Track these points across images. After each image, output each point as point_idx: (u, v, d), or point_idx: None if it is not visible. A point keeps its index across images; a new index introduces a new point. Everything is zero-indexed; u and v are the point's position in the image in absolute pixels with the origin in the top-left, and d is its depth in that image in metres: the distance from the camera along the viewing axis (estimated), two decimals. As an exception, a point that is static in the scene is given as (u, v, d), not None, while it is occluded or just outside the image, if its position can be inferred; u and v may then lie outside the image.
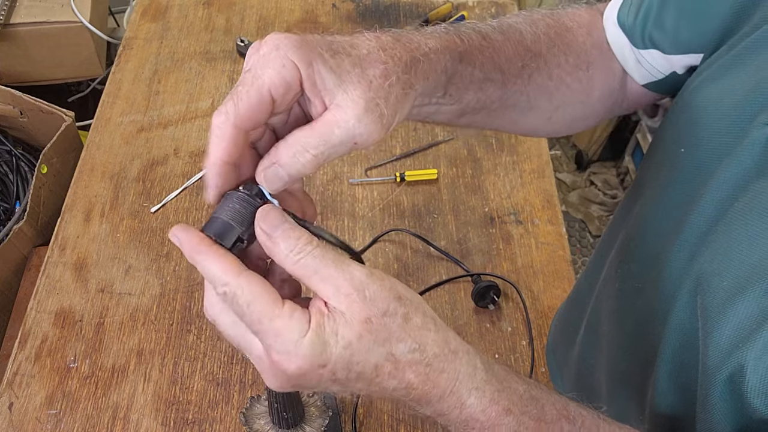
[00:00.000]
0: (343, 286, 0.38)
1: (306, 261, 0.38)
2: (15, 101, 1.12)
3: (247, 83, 0.39)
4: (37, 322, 0.86)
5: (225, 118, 0.39)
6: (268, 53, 0.39)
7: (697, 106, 0.49)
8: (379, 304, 0.38)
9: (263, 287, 0.38)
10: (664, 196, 0.52)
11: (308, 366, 0.37)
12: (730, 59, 0.47)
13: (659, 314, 0.49)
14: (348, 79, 0.39)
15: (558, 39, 0.57)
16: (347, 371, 0.38)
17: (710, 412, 0.41)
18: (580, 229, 2.19)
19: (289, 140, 0.40)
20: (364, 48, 0.41)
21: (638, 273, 0.55)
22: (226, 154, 0.40)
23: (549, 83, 0.56)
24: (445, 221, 0.97)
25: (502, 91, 0.54)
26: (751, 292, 0.39)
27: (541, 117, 0.59)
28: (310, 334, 0.37)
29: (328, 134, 0.39)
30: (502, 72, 0.53)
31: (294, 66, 0.38)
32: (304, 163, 0.39)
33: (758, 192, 0.41)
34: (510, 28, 0.54)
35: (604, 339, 0.63)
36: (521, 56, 0.54)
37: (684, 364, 0.46)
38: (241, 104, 0.39)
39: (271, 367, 0.38)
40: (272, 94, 0.39)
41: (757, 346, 0.37)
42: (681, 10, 0.53)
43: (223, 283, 0.38)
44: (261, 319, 0.37)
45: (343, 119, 0.39)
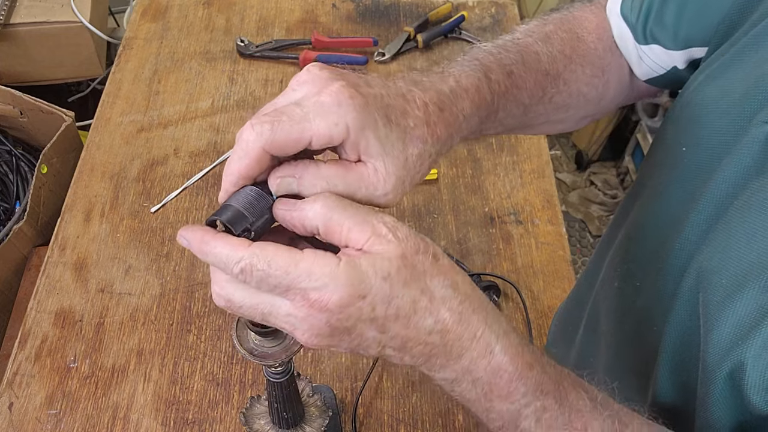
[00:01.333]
0: (377, 227, 0.38)
1: (335, 210, 0.39)
2: (15, 101, 1.12)
3: (295, 118, 0.39)
4: (37, 322, 0.86)
5: (257, 138, 0.39)
6: (328, 105, 0.40)
7: (698, 104, 0.49)
8: (411, 243, 0.39)
9: (276, 246, 0.38)
10: (664, 195, 0.53)
11: (348, 295, 0.37)
12: (730, 57, 0.48)
13: (659, 313, 0.49)
14: (390, 152, 0.41)
15: (573, 53, 0.58)
16: (386, 305, 0.38)
17: (710, 409, 0.41)
18: (580, 229, 2.19)
19: (322, 170, 0.41)
20: (411, 119, 0.44)
21: (638, 272, 0.55)
22: (247, 170, 0.40)
23: (568, 100, 0.58)
24: (445, 221, 0.97)
25: (522, 119, 0.56)
26: (750, 288, 0.39)
27: (554, 125, 0.61)
28: (343, 264, 0.37)
29: (355, 189, 0.41)
30: (524, 106, 0.55)
31: (346, 129, 0.40)
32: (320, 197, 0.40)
33: (757, 189, 0.41)
34: (528, 52, 0.55)
35: (603, 338, 0.63)
36: (541, 84, 0.55)
37: (684, 362, 0.46)
38: (279, 134, 0.39)
39: (309, 314, 0.37)
40: (313, 141, 0.40)
41: (757, 343, 0.37)
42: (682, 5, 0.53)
43: (236, 259, 0.38)
44: (287, 270, 0.37)
45: (372, 184, 0.41)
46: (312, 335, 0.38)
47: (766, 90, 0.43)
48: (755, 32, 0.45)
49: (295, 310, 0.38)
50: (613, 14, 0.59)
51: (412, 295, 0.38)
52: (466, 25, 1.23)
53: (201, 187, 1.00)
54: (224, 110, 1.10)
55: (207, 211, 0.97)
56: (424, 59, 1.19)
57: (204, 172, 1.01)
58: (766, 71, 0.43)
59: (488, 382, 0.40)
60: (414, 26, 1.20)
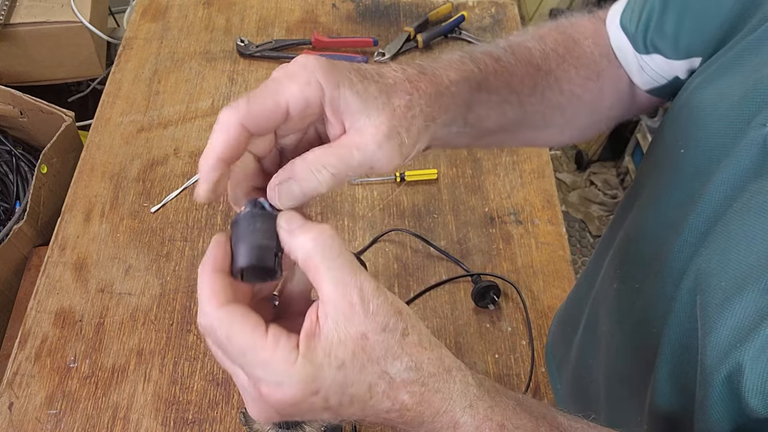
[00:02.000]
0: (350, 292, 0.37)
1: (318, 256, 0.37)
2: (15, 101, 1.12)
3: (268, 89, 0.39)
4: (37, 322, 0.86)
5: (233, 112, 0.38)
6: (295, 69, 0.39)
7: (696, 106, 0.49)
8: (379, 319, 0.37)
9: (243, 319, 0.37)
10: (662, 197, 0.52)
11: (301, 394, 0.36)
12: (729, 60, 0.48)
13: (658, 314, 0.49)
14: (373, 104, 0.39)
15: (567, 53, 0.57)
16: (341, 395, 0.37)
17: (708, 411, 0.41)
18: (580, 229, 2.19)
19: (308, 157, 0.39)
20: (390, 77, 0.42)
21: (637, 273, 0.55)
22: (224, 148, 0.38)
23: (561, 98, 0.57)
24: (445, 221, 0.97)
25: (519, 111, 0.54)
26: (748, 291, 0.39)
27: (554, 132, 0.60)
28: (300, 360, 0.36)
29: (348, 156, 0.39)
30: (516, 93, 0.53)
31: (319, 86, 0.38)
32: (321, 181, 0.39)
33: (756, 192, 0.41)
34: (519, 47, 0.55)
35: (602, 339, 0.63)
36: (532, 75, 0.54)
37: (684, 364, 0.46)
38: (255, 105, 0.38)
39: (259, 399, 0.37)
40: (289, 107, 0.38)
41: (755, 346, 0.37)
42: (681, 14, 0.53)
43: (204, 312, 0.37)
44: (244, 352, 0.36)
45: (363, 143, 0.39)
46: (262, 416, 0.38)
47: (764, 93, 0.42)
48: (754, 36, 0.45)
49: (247, 388, 0.38)
50: (612, 25, 0.59)
51: (368, 380, 0.37)
52: (466, 25, 1.23)
53: (201, 187, 1.00)
54: (224, 110, 1.10)
55: (207, 211, 0.97)
56: (424, 59, 1.19)
57: (204, 172, 1.01)
58: (764, 74, 0.43)
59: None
60: (414, 26, 1.20)
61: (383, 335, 0.37)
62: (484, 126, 0.52)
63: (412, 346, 0.38)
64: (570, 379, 0.74)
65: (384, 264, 0.92)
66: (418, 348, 0.38)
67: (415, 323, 0.39)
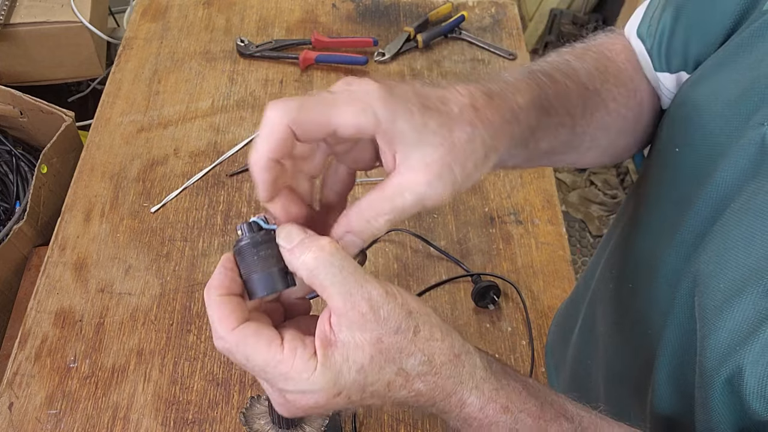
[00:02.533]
0: (359, 304, 0.37)
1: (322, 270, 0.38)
2: (15, 101, 1.12)
3: (322, 103, 0.38)
4: (37, 322, 0.86)
5: (283, 114, 0.37)
6: (356, 93, 0.38)
7: (692, 105, 0.48)
8: (391, 323, 0.38)
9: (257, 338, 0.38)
10: (659, 196, 0.52)
11: (324, 399, 0.38)
12: (723, 56, 0.47)
13: (656, 316, 0.49)
14: (429, 140, 0.39)
15: (607, 72, 0.56)
16: (362, 392, 0.39)
17: (710, 413, 0.41)
18: (580, 229, 2.19)
19: (362, 206, 0.40)
20: (455, 104, 0.41)
21: (633, 274, 0.55)
22: (274, 148, 0.38)
23: (608, 118, 0.55)
24: (445, 221, 0.97)
25: (571, 134, 0.53)
26: (747, 293, 0.39)
27: (597, 152, 0.58)
28: (320, 368, 0.37)
29: (400, 201, 0.39)
30: (571, 116, 0.52)
31: (374, 117, 0.38)
32: (378, 228, 0.40)
33: (754, 193, 0.41)
34: (567, 66, 0.53)
35: (600, 340, 0.63)
36: (583, 96, 0.53)
37: (683, 365, 0.46)
38: (305, 115, 0.38)
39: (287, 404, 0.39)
40: (338, 130, 0.38)
41: (755, 349, 0.37)
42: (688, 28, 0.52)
43: (219, 337, 0.39)
44: (265, 369, 0.38)
45: (414, 183, 0.39)
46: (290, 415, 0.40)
47: (761, 91, 0.42)
48: (748, 33, 0.45)
49: (273, 395, 0.40)
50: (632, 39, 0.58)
51: (386, 378, 0.39)
52: (466, 25, 1.23)
53: (201, 187, 1.00)
54: (224, 110, 1.10)
55: (207, 211, 0.97)
56: (424, 59, 1.19)
57: (204, 172, 1.01)
58: (761, 73, 0.43)
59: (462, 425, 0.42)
60: (414, 26, 1.20)
61: (396, 337, 0.38)
62: (539, 149, 0.51)
63: (424, 341, 0.39)
64: (568, 379, 0.74)
65: (384, 264, 0.92)
66: (429, 342, 0.40)
67: (426, 318, 0.40)
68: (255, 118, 1.09)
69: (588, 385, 0.66)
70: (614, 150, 0.60)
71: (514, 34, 1.24)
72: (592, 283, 0.66)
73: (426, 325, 0.40)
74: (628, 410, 0.56)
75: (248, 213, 0.97)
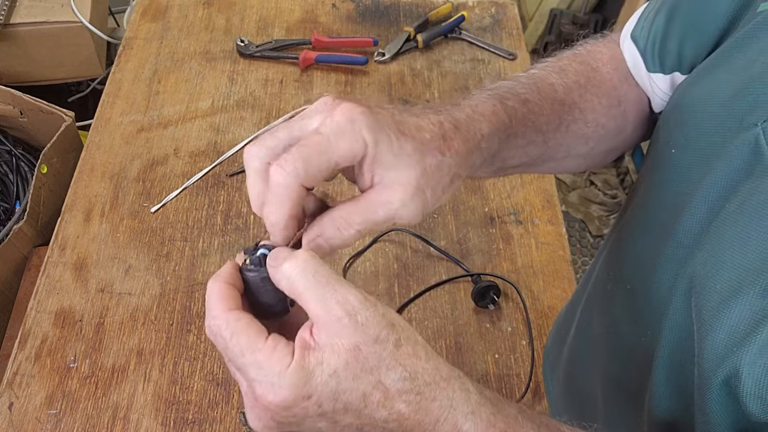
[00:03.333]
0: (334, 308, 0.37)
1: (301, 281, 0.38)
2: (15, 101, 1.12)
3: (320, 149, 0.39)
4: (37, 322, 0.86)
5: (293, 179, 0.39)
6: (343, 124, 0.40)
7: (686, 105, 0.49)
8: (370, 331, 0.37)
9: (249, 324, 0.38)
10: (655, 198, 0.52)
11: (293, 397, 0.37)
12: (717, 57, 0.47)
13: (653, 317, 0.49)
14: (405, 162, 0.41)
15: (588, 84, 0.58)
16: (334, 401, 0.37)
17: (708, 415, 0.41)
18: (580, 229, 2.19)
19: (335, 215, 0.42)
20: (428, 133, 0.44)
21: (630, 275, 0.55)
22: (293, 210, 0.40)
23: (586, 129, 0.58)
24: (445, 221, 0.97)
25: (543, 148, 0.56)
26: (744, 294, 0.38)
27: (577, 159, 0.60)
28: (293, 365, 0.37)
29: (373, 213, 0.41)
30: (542, 133, 0.54)
31: (364, 144, 0.40)
32: (348, 237, 0.42)
33: (749, 193, 0.40)
34: (543, 83, 0.56)
35: (596, 342, 0.63)
36: (558, 112, 0.55)
37: (681, 366, 0.45)
38: (312, 168, 0.39)
39: (255, 404, 0.38)
40: (339, 163, 0.40)
41: (752, 350, 0.37)
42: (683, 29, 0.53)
43: (212, 315, 0.39)
44: (243, 352, 0.38)
45: (388, 201, 0.41)
46: (260, 424, 0.39)
47: (755, 92, 0.42)
48: (742, 34, 0.45)
49: (246, 392, 0.39)
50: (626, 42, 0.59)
51: (361, 389, 0.37)
52: (466, 25, 1.23)
53: (201, 187, 1.00)
54: (224, 110, 1.10)
55: (207, 212, 0.97)
56: (424, 59, 1.19)
57: (204, 172, 1.01)
58: (754, 73, 0.43)
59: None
60: (414, 26, 1.20)
61: (375, 346, 0.37)
62: (508, 164, 0.54)
63: (407, 356, 0.38)
64: (562, 379, 0.74)
65: (384, 264, 0.92)
66: (412, 358, 0.38)
67: (410, 335, 0.39)
68: (255, 118, 1.09)
69: (584, 387, 0.66)
70: (595, 156, 0.61)
71: (514, 34, 1.24)
72: (589, 284, 0.66)
73: (410, 341, 0.39)
74: (625, 413, 0.56)
75: (248, 213, 0.97)
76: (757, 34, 0.44)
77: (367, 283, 0.90)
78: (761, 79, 0.42)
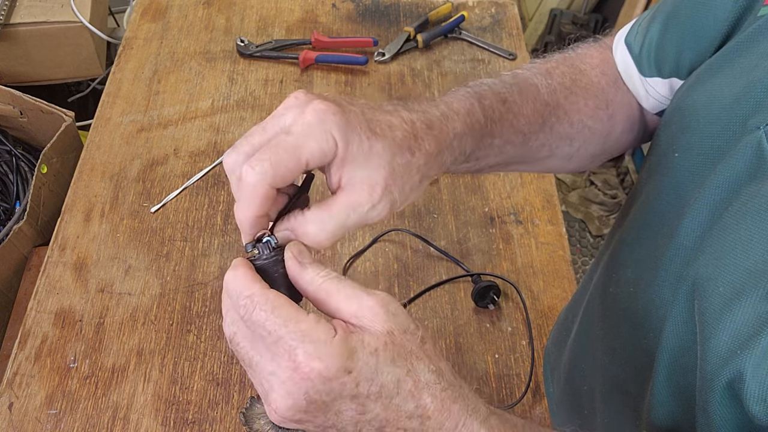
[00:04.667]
0: (366, 300, 0.39)
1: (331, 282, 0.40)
2: (15, 101, 1.12)
3: (289, 149, 0.40)
4: (37, 322, 0.86)
5: (262, 178, 0.40)
6: (313, 124, 0.40)
7: (688, 109, 0.49)
8: (400, 320, 0.39)
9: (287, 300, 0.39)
10: (658, 201, 0.52)
11: (335, 368, 0.37)
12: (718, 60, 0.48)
13: (655, 319, 0.49)
14: (374, 163, 0.42)
15: (574, 86, 0.58)
16: (370, 382, 0.38)
17: (711, 417, 0.40)
18: (580, 229, 2.19)
19: (308, 217, 0.42)
20: (399, 131, 0.44)
21: (632, 278, 0.55)
22: (261, 209, 0.41)
23: (571, 130, 0.58)
24: (445, 221, 0.97)
25: (523, 149, 0.56)
26: (747, 297, 0.38)
27: (562, 160, 0.61)
28: (338, 338, 0.37)
29: (344, 218, 0.42)
30: (522, 134, 0.55)
31: (335, 143, 0.40)
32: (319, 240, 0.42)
33: (751, 196, 0.40)
34: (526, 84, 0.56)
35: (596, 343, 0.62)
36: (540, 112, 0.55)
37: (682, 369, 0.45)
38: (281, 168, 0.40)
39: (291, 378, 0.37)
40: (309, 162, 0.40)
41: (756, 353, 0.37)
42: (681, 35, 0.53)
43: (247, 294, 0.39)
44: (287, 323, 0.37)
45: (358, 203, 0.42)
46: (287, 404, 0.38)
47: (757, 95, 0.42)
48: (743, 38, 0.45)
49: (278, 369, 0.38)
50: (619, 49, 0.60)
51: (397, 374, 0.38)
52: (466, 25, 1.23)
53: (201, 187, 1.00)
54: (224, 110, 1.10)
55: (207, 211, 0.97)
56: (424, 59, 1.19)
57: (204, 172, 1.01)
58: (755, 77, 0.43)
59: None
60: (414, 26, 1.20)
61: (406, 335, 0.39)
62: (486, 163, 0.54)
63: (431, 352, 0.40)
64: (562, 381, 0.74)
65: (384, 264, 0.92)
66: (436, 356, 0.40)
67: (428, 335, 0.41)
68: (255, 118, 1.09)
69: (583, 389, 0.66)
70: (581, 158, 0.62)
71: (514, 34, 1.24)
72: (590, 286, 0.66)
73: (431, 340, 0.41)
74: (624, 415, 0.56)
75: (248, 213, 0.97)
76: (758, 38, 0.44)
77: (367, 283, 0.90)
78: (763, 82, 0.42)
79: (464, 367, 0.83)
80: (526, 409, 0.81)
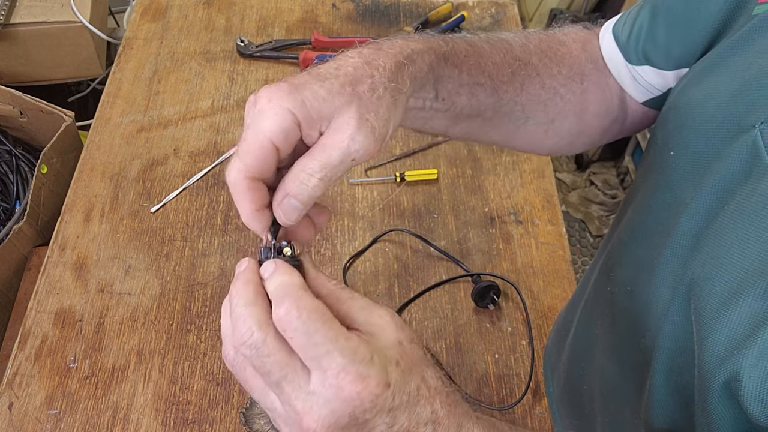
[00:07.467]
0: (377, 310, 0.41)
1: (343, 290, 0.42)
2: (15, 101, 1.12)
3: (249, 138, 0.41)
4: (37, 322, 0.86)
5: (237, 173, 0.41)
6: (263, 107, 0.41)
7: (684, 108, 0.49)
8: (406, 332, 0.41)
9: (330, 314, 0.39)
10: (654, 200, 0.52)
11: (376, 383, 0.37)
12: (714, 59, 0.48)
13: (652, 319, 0.49)
14: (339, 101, 0.42)
15: (550, 51, 0.58)
16: (402, 393, 0.38)
17: (710, 416, 0.40)
18: (580, 229, 2.19)
19: (294, 170, 0.42)
20: (350, 66, 0.44)
21: (629, 277, 0.55)
22: (255, 203, 0.42)
23: (542, 92, 0.58)
24: (445, 221, 0.97)
25: (494, 98, 0.56)
26: (744, 297, 0.38)
27: (537, 129, 0.60)
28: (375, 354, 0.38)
29: (327, 157, 0.41)
30: (490, 77, 0.54)
31: (288, 112, 0.40)
32: (312, 187, 0.41)
33: (747, 195, 0.40)
34: (498, 39, 0.56)
35: (595, 343, 0.63)
36: (509, 64, 0.55)
37: (680, 368, 0.45)
38: (248, 158, 0.41)
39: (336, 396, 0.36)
40: (274, 142, 0.41)
41: (753, 353, 0.36)
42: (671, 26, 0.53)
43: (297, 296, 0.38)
44: (337, 338, 0.37)
45: (338, 140, 0.41)
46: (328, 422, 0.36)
47: (752, 94, 0.42)
48: (738, 36, 0.45)
49: (321, 387, 0.36)
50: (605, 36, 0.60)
51: (416, 381, 0.40)
52: (466, 25, 1.23)
53: (201, 187, 1.00)
54: (224, 110, 1.10)
55: (207, 211, 0.97)
56: (424, 59, 1.19)
57: (204, 172, 1.01)
58: (751, 76, 0.43)
59: None
60: (414, 26, 1.20)
61: (412, 345, 0.40)
62: (458, 105, 0.53)
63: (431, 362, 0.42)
64: (562, 381, 0.74)
65: (384, 264, 0.92)
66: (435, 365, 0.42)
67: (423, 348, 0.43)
68: (255, 118, 1.09)
69: (582, 389, 0.66)
70: (558, 134, 0.61)
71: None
72: (588, 286, 0.66)
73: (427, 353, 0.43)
74: (623, 415, 0.56)
75: (248, 213, 0.97)
76: (753, 37, 0.44)
77: (367, 283, 0.90)
78: (758, 81, 0.42)
79: (464, 367, 0.83)
80: (526, 409, 0.81)
